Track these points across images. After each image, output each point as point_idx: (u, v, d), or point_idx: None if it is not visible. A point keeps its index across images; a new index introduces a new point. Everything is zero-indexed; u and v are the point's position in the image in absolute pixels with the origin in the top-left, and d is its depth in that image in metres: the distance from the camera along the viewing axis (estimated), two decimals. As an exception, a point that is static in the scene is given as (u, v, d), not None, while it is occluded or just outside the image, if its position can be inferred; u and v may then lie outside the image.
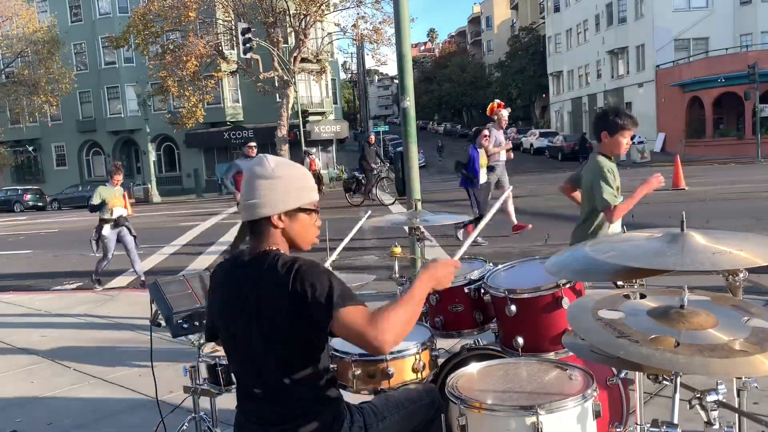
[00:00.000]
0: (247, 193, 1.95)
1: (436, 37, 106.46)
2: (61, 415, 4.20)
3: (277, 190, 1.94)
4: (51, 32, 35.27)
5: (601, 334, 1.69)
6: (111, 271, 10.00)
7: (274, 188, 1.94)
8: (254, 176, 1.96)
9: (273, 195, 1.93)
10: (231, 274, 2.00)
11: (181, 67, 26.48)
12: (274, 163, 1.97)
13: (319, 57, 31.54)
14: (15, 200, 33.56)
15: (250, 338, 1.92)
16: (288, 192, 1.96)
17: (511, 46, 62.41)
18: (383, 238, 11.23)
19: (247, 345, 1.94)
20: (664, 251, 1.84)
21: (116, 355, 5.42)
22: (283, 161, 2.01)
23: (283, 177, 1.96)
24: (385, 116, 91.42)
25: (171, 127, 32.74)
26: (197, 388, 2.88)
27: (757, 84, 27.13)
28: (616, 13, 41.44)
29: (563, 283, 2.53)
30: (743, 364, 1.52)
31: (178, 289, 2.93)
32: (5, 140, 38.34)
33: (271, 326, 1.86)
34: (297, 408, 1.93)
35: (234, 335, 1.98)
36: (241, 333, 1.94)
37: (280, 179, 1.95)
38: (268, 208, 1.93)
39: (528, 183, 21.67)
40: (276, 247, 1.96)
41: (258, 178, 1.95)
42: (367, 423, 2.06)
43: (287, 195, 1.96)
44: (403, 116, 5.94)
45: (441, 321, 3.00)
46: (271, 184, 1.94)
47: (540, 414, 1.79)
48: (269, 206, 1.93)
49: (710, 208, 12.16)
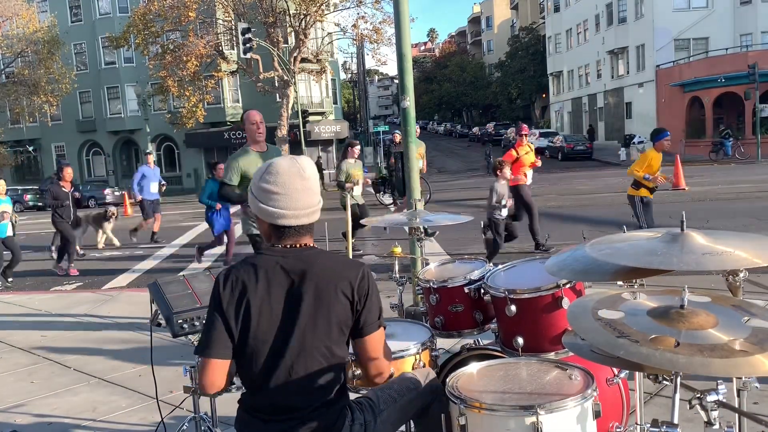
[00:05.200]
0: (311, 197, 2.07)
1: (436, 37, 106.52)
2: (62, 415, 4.20)
3: (318, 193, 2.13)
4: (51, 32, 35.23)
5: (601, 334, 1.69)
6: (111, 270, 10.01)
7: (318, 191, 2.12)
8: (312, 180, 2.09)
9: (319, 198, 2.13)
10: (276, 265, 2.04)
11: (181, 67, 26.48)
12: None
13: (319, 57, 31.52)
14: (15, 200, 33.53)
15: (296, 325, 1.98)
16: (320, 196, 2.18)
17: (511, 46, 62.40)
18: (383, 239, 11.23)
19: (290, 332, 1.99)
20: (665, 251, 1.84)
21: (116, 355, 5.42)
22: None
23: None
24: (385, 116, 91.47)
25: (171, 127, 32.74)
26: (197, 388, 2.88)
27: (757, 84, 27.11)
28: (616, 13, 41.43)
29: (563, 283, 2.53)
30: (743, 364, 1.52)
31: (178, 289, 2.93)
32: (5, 140, 38.31)
33: (326, 312, 1.99)
34: (312, 400, 2.00)
35: (275, 322, 2.00)
36: (284, 320, 2.00)
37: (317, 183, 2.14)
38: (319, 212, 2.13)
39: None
40: (312, 243, 2.12)
41: (315, 182, 2.10)
42: (366, 420, 2.08)
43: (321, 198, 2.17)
44: (403, 116, 5.94)
45: (441, 321, 3.00)
46: (318, 187, 2.12)
47: (540, 414, 1.79)
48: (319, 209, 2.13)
49: (710, 208, 12.16)
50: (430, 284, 3.02)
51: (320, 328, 1.99)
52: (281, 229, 2.06)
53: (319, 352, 1.99)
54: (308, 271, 2.00)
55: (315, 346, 1.99)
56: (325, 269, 2.02)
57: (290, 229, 2.06)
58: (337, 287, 1.99)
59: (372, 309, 2.06)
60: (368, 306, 2.05)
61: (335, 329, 2.00)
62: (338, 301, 1.99)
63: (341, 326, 2.02)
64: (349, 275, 2.02)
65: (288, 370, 1.98)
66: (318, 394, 2.00)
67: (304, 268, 2.01)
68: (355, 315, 2.04)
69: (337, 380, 2.05)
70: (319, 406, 2.00)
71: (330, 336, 2.00)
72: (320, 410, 2.00)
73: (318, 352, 1.99)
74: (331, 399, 2.03)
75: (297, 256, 2.04)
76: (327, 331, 1.99)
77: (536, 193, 17.76)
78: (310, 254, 2.06)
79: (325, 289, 1.99)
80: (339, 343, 2.03)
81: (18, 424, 4.08)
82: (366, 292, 2.04)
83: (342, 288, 2.00)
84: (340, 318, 2.01)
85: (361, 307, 2.03)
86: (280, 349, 1.99)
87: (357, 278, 2.02)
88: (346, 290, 2.00)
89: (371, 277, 2.08)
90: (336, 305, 1.99)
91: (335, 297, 1.99)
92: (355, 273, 2.03)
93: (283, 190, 2.02)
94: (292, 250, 2.06)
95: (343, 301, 2.00)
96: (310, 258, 2.04)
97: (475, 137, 56.01)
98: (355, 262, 2.15)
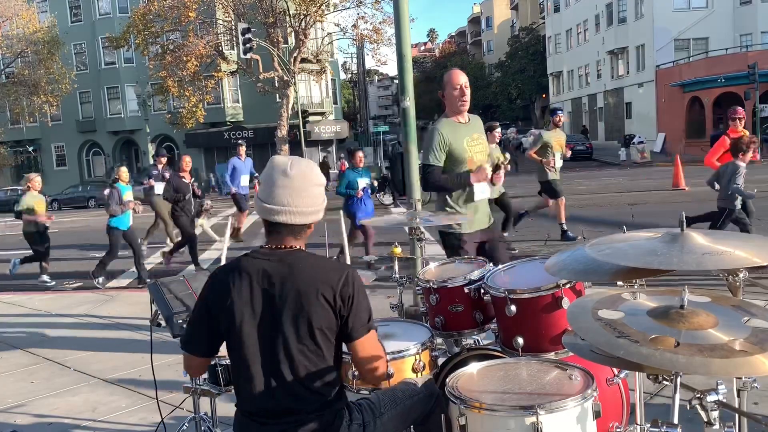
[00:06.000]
0: (290, 196, 2.02)
1: (436, 37, 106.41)
2: (62, 415, 4.20)
3: (322, 197, 2.10)
4: (51, 32, 35.25)
5: (601, 334, 1.69)
6: (111, 270, 10.00)
7: (322, 196, 2.10)
8: (311, 183, 2.05)
9: (323, 203, 2.10)
10: (258, 268, 2.03)
11: (181, 67, 26.48)
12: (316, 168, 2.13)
13: (319, 57, 31.54)
14: (15, 200, 33.52)
15: (278, 329, 1.97)
16: (324, 200, 2.13)
17: (511, 46, 62.39)
18: (383, 241, 11.22)
19: (274, 336, 1.98)
20: (665, 251, 1.83)
21: (116, 356, 5.42)
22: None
23: (322, 185, 2.10)
24: (385, 116, 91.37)
25: (171, 127, 32.74)
26: (197, 388, 2.88)
27: (757, 84, 27.13)
28: (616, 13, 41.44)
29: (563, 283, 2.53)
30: (743, 364, 1.52)
31: (178, 290, 2.93)
32: (5, 140, 38.32)
33: (307, 317, 1.96)
34: (307, 403, 1.98)
35: (259, 325, 2.00)
36: (267, 323, 1.98)
37: (322, 187, 2.10)
38: (321, 214, 2.10)
39: (528, 183, 21.66)
40: (301, 246, 2.09)
41: (316, 186, 2.06)
42: (365, 421, 2.08)
43: (324, 202, 2.13)
44: (403, 116, 5.94)
45: (441, 321, 3.00)
46: (321, 192, 2.09)
47: (540, 414, 1.79)
48: (321, 212, 2.10)
49: (710, 208, 12.13)
50: (430, 284, 3.02)
51: (303, 333, 1.96)
52: (270, 226, 2.07)
53: (305, 356, 1.97)
54: (290, 275, 1.98)
55: (300, 349, 1.96)
56: (306, 273, 1.99)
57: (272, 226, 2.05)
58: (318, 291, 1.96)
59: (359, 313, 2.01)
60: (354, 310, 2.00)
61: (319, 335, 1.97)
62: (319, 305, 1.96)
63: (325, 331, 1.98)
64: (330, 280, 1.98)
65: (275, 375, 1.97)
66: (311, 396, 1.99)
67: (286, 272, 1.99)
68: (341, 320, 2.00)
69: (330, 382, 2.02)
70: (315, 408, 1.99)
71: (314, 340, 1.97)
72: (316, 412, 1.98)
73: (304, 356, 1.97)
74: (327, 401, 2.01)
75: (280, 259, 2.02)
76: (310, 336, 1.97)
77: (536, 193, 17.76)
78: (294, 258, 2.03)
79: (305, 294, 1.96)
80: (326, 348, 2.00)
81: (18, 424, 4.08)
82: (350, 296, 1.99)
83: (323, 292, 1.96)
84: (323, 323, 1.97)
85: (346, 312, 1.99)
86: (266, 352, 1.98)
87: (339, 283, 1.98)
88: (327, 295, 1.96)
89: (357, 281, 2.03)
90: (317, 310, 1.96)
91: (316, 302, 1.95)
92: (338, 277, 1.99)
93: (265, 182, 2.05)
94: (276, 252, 2.04)
95: (324, 305, 1.96)
96: (294, 261, 2.02)
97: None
98: (339, 265, 2.11)
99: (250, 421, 2.03)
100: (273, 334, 1.97)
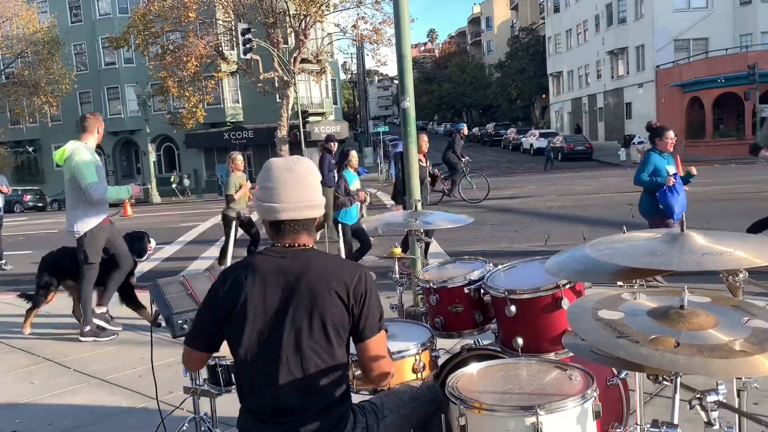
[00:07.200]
0: (302, 190, 2.05)
1: (436, 38, 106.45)
2: (62, 415, 4.19)
3: (320, 192, 2.12)
4: (51, 33, 35.24)
5: (601, 334, 1.69)
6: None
7: (321, 190, 2.12)
8: (316, 176, 2.10)
9: (322, 197, 2.13)
10: (272, 266, 2.04)
11: (181, 68, 26.49)
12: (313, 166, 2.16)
13: (319, 57, 31.53)
14: (15, 201, 33.53)
15: (291, 325, 1.98)
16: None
17: (511, 47, 62.41)
18: (383, 241, 11.22)
19: (287, 331, 1.98)
20: (665, 251, 1.84)
21: (116, 356, 5.42)
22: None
23: (320, 179, 2.16)
24: (385, 116, 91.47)
25: (171, 127, 32.75)
26: (197, 388, 2.88)
27: (757, 84, 27.15)
28: (616, 14, 41.45)
29: (563, 283, 2.53)
30: (743, 364, 1.52)
31: (178, 290, 2.93)
32: (5, 141, 38.34)
33: (321, 315, 1.97)
34: (313, 402, 1.98)
35: (272, 321, 2.00)
36: (280, 319, 1.99)
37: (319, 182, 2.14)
38: (323, 207, 2.12)
39: (528, 183, 21.69)
40: (311, 244, 2.11)
41: (318, 177, 2.10)
42: (369, 423, 2.07)
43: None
44: (403, 116, 5.94)
45: (441, 321, 3.00)
46: (319, 186, 2.12)
47: (540, 414, 1.79)
48: (323, 206, 2.12)
49: (710, 208, 12.15)
50: (429, 285, 3.02)
51: (316, 330, 1.97)
52: (278, 226, 2.06)
53: (316, 354, 1.97)
54: (305, 273, 1.99)
55: (311, 348, 1.97)
56: (321, 271, 2.00)
57: (286, 226, 2.05)
58: (332, 289, 1.97)
59: (372, 313, 2.03)
60: (367, 309, 2.02)
61: (331, 332, 1.98)
62: (333, 303, 1.97)
63: (338, 329, 1.99)
64: (345, 277, 2.00)
65: (285, 372, 1.97)
66: (318, 396, 1.98)
67: (301, 269, 2.00)
68: (353, 318, 2.01)
69: (337, 383, 2.02)
70: (320, 409, 1.98)
71: (327, 338, 1.98)
72: (321, 413, 1.97)
73: (315, 354, 1.97)
74: (333, 402, 2.00)
75: (294, 256, 2.04)
76: (323, 334, 1.97)
77: (536, 193, 17.81)
78: (308, 255, 2.05)
79: (320, 291, 1.97)
80: (337, 346, 2.00)
81: (18, 424, 4.08)
82: (363, 295, 2.01)
83: (337, 290, 1.98)
84: (336, 321, 1.98)
85: (358, 310, 2.00)
86: (276, 350, 1.98)
87: (353, 281, 2.00)
88: (341, 292, 1.98)
89: (369, 280, 2.05)
90: (331, 307, 1.97)
91: (330, 299, 1.97)
92: (351, 275, 2.01)
93: (275, 184, 2.04)
94: (290, 250, 2.06)
95: (338, 303, 1.97)
96: (308, 259, 2.03)
97: (475, 137, 55.97)
98: (353, 264, 2.13)
99: (252, 419, 2.02)
100: (284, 331, 1.98)
